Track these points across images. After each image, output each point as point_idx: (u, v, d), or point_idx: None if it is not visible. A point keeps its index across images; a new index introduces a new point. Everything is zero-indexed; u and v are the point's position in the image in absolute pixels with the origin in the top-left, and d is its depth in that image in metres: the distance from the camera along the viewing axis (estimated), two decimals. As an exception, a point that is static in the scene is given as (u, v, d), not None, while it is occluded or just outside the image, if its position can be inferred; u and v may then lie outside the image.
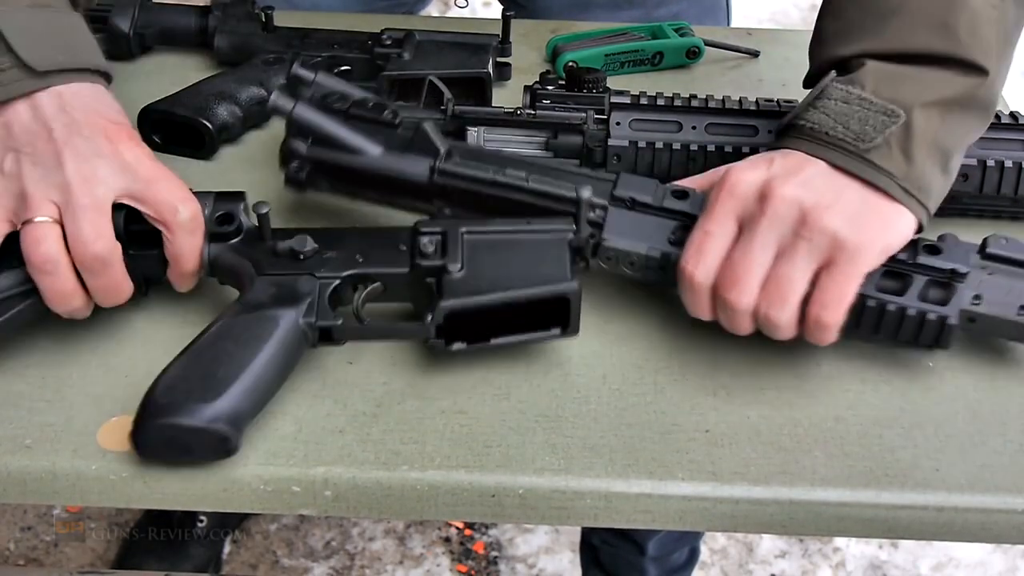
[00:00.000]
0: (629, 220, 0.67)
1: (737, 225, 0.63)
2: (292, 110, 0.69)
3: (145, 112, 0.86)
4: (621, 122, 0.79)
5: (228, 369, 0.59)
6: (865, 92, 0.65)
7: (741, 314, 0.63)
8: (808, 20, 2.91)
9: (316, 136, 0.70)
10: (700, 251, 0.63)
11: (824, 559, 1.68)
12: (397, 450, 0.61)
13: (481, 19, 1.16)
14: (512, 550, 1.66)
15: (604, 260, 0.67)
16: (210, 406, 0.58)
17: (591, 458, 0.61)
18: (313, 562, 1.61)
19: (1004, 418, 0.65)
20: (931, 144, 0.64)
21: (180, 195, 0.64)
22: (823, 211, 0.61)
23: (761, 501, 0.60)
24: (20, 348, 0.66)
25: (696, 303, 0.65)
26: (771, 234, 0.62)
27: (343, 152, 0.70)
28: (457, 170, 0.69)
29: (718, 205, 0.64)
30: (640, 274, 0.67)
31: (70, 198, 0.60)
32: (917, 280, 0.64)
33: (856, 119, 0.64)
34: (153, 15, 0.98)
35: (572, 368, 0.67)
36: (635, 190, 0.67)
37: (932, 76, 0.65)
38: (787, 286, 0.61)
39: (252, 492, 0.60)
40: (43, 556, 1.59)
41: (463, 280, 0.64)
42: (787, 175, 0.63)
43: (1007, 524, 0.60)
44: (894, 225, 0.63)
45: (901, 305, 0.64)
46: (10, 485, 0.60)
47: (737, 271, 0.62)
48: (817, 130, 0.65)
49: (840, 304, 0.61)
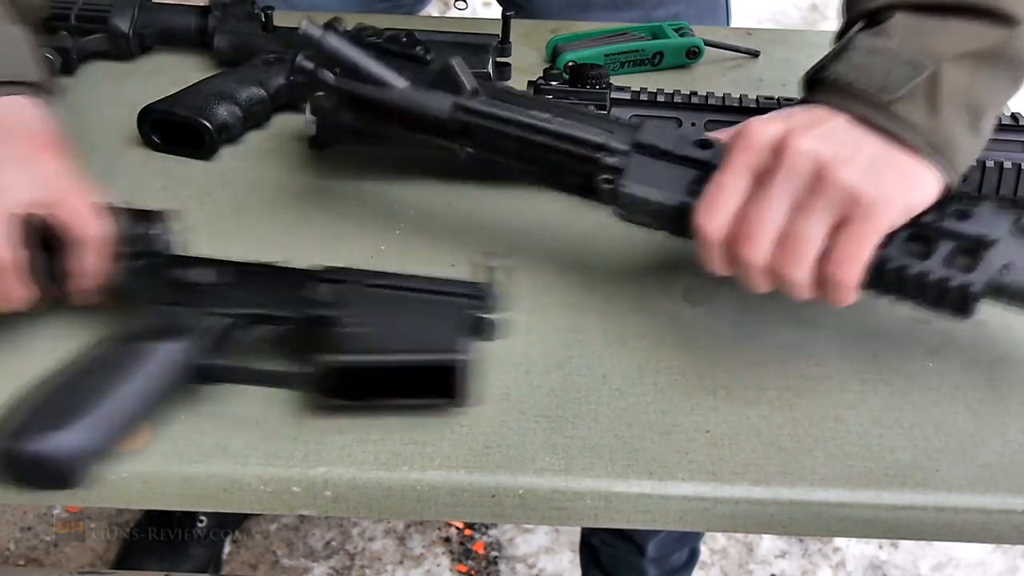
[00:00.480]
0: (651, 168, 0.65)
1: (753, 178, 0.61)
2: (321, 37, 0.68)
3: (145, 112, 0.86)
4: (621, 118, 0.79)
5: (87, 399, 0.57)
6: (892, 43, 0.62)
7: (755, 271, 0.61)
8: (808, 20, 2.91)
9: (344, 66, 0.69)
10: (714, 204, 0.61)
11: (824, 559, 1.68)
12: (397, 450, 0.61)
13: (481, 19, 1.16)
14: (512, 550, 1.66)
15: (623, 207, 0.65)
16: (55, 436, 0.56)
17: (591, 458, 0.61)
18: (313, 562, 1.61)
19: (1004, 418, 0.65)
20: (959, 99, 0.61)
21: (88, 212, 0.64)
22: (840, 165, 0.58)
23: (761, 501, 0.60)
24: (20, 348, 0.66)
25: (710, 257, 0.62)
26: (786, 188, 0.59)
27: (369, 84, 0.69)
28: (479, 107, 0.67)
29: (734, 157, 0.61)
30: (658, 224, 0.65)
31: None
32: (943, 245, 0.61)
33: (881, 70, 0.61)
34: (153, 15, 0.98)
35: (572, 368, 0.67)
36: (660, 137, 0.65)
37: (962, 27, 0.63)
38: (802, 242, 0.59)
39: (252, 492, 0.60)
40: (43, 556, 1.59)
41: (351, 336, 0.61)
42: (806, 128, 0.60)
43: (1007, 524, 0.60)
44: (916, 183, 0.60)
45: (923, 269, 0.61)
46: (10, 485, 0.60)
47: (751, 226, 0.60)
48: (840, 81, 0.62)
49: (856, 262, 0.59)
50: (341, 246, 0.75)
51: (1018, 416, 0.65)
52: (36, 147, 0.65)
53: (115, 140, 0.86)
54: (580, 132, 0.66)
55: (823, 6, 2.95)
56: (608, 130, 0.65)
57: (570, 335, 0.70)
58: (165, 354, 0.60)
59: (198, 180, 0.82)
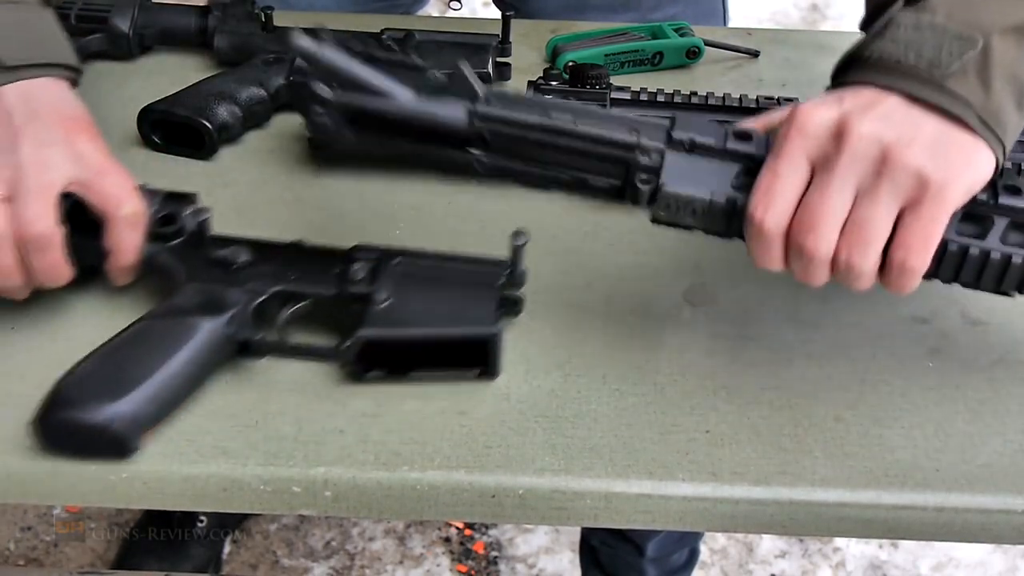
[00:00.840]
0: (689, 164, 0.61)
1: (810, 166, 0.58)
2: (317, 51, 0.63)
3: (145, 112, 0.86)
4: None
5: (137, 371, 0.60)
6: (938, 18, 0.60)
7: (819, 262, 0.58)
8: (808, 20, 2.91)
9: (342, 79, 0.63)
10: (770, 195, 0.58)
11: (824, 559, 1.68)
12: (397, 450, 0.61)
13: (481, 19, 1.16)
14: (512, 550, 1.66)
15: (663, 209, 0.62)
16: (112, 406, 0.58)
17: (591, 458, 0.61)
18: (313, 562, 1.61)
19: (1004, 418, 0.65)
20: (1009, 74, 0.60)
21: (126, 190, 0.66)
22: (905, 147, 0.56)
23: (761, 501, 0.60)
24: (20, 348, 0.66)
25: (766, 252, 0.59)
26: (850, 174, 0.57)
27: (372, 96, 0.63)
28: (498, 113, 0.62)
29: (788, 144, 0.58)
30: (702, 223, 0.62)
31: (20, 179, 0.62)
32: (999, 222, 0.59)
33: (930, 46, 0.59)
34: (153, 15, 0.98)
35: (572, 368, 0.67)
36: (695, 131, 0.62)
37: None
38: (870, 229, 0.57)
39: (252, 492, 0.60)
40: (43, 556, 1.59)
41: (386, 311, 0.64)
42: (863, 110, 0.58)
43: (1007, 524, 0.60)
44: (976, 161, 0.58)
45: (985, 248, 0.59)
46: (10, 485, 0.60)
47: (814, 215, 0.57)
48: (887, 59, 0.60)
49: (927, 246, 0.57)
50: (341, 246, 0.75)
51: (1018, 416, 0.65)
52: (71, 127, 0.66)
53: (115, 140, 0.86)
54: (610, 132, 0.62)
55: (823, 6, 2.96)
56: (635, 128, 0.62)
57: (570, 335, 0.70)
58: (208, 329, 0.63)
59: (198, 180, 0.82)
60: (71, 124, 0.66)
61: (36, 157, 0.63)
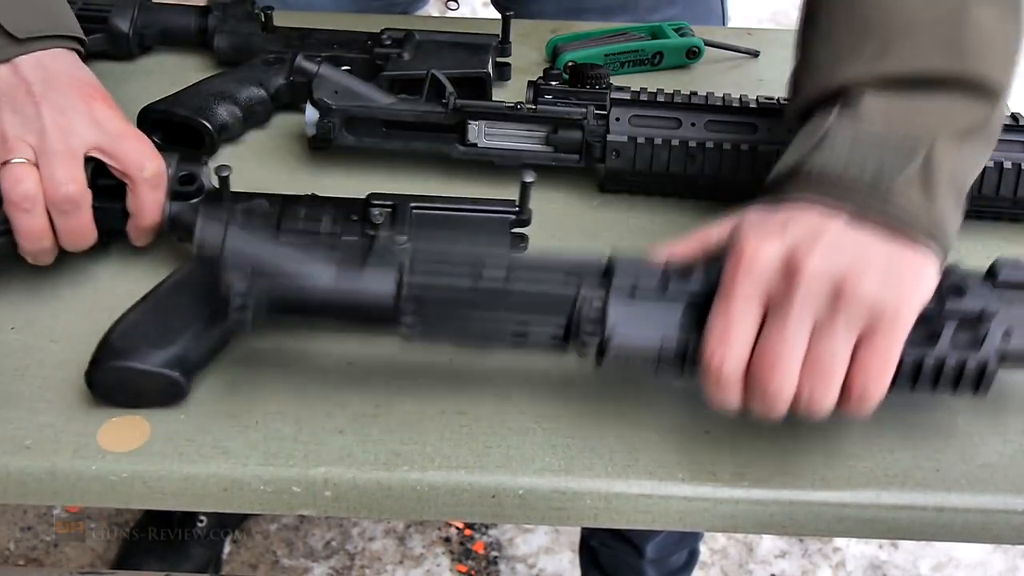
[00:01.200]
0: (633, 311, 0.58)
1: (762, 306, 0.56)
2: (223, 243, 0.61)
3: (145, 112, 0.86)
4: (621, 118, 0.79)
5: (183, 318, 0.63)
6: (875, 128, 0.59)
7: (782, 401, 0.56)
8: (808, 20, 2.90)
9: (256, 267, 0.58)
10: (725, 340, 0.56)
11: (824, 559, 1.68)
12: (397, 450, 0.61)
13: (481, 19, 1.15)
14: (512, 550, 1.66)
15: (612, 360, 0.59)
16: (162, 352, 0.61)
17: (591, 458, 0.61)
18: (313, 562, 1.61)
19: (1004, 418, 0.65)
20: (950, 179, 0.59)
21: (146, 152, 0.68)
22: (857, 280, 0.55)
23: (761, 501, 0.60)
24: (20, 348, 0.66)
25: (724, 395, 0.57)
26: (805, 312, 0.55)
27: (292, 280, 0.58)
28: (428, 282, 0.58)
29: (737, 287, 0.56)
30: (652, 368, 0.59)
31: (46, 144, 0.65)
32: (948, 327, 0.58)
33: (872, 159, 0.58)
34: (153, 15, 0.98)
35: (572, 368, 0.67)
36: (635, 275, 0.59)
37: (944, 103, 0.61)
38: (830, 364, 0.55)
39: (252, 492, 0.60)
40: (43, 556, 1.59)
41: (405, 252, 0.64)
42: (810, 242, 0.56)
43: (1007, 524, 0.60)
44: (924, 276, 0.57)
45: (938, 356, 0.58)
46: (10, 485, 0.60)
47: (773, 357, 0.55)
48: (829, 174, 0.58)
49: (885, 373, 0.56)
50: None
51: (1018, 416, 0.65)
52: (88, 95, 0.68)
53: (115, 140, 0.86)
54: (547, 287, 0.59)
55: (823, 6, 2.95)
56: (575, 273, 0.59)
57: (570, 335, 0.69)
58: None
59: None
60: (88, 91, 0.68)
61: (59, 123, 0.65)
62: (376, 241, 0.63)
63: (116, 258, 0.73)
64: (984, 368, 0.58)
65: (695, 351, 0.58)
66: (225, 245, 0.60)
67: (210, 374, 0.65)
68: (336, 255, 0.60)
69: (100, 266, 0.73)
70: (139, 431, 0.61)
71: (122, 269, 0.72)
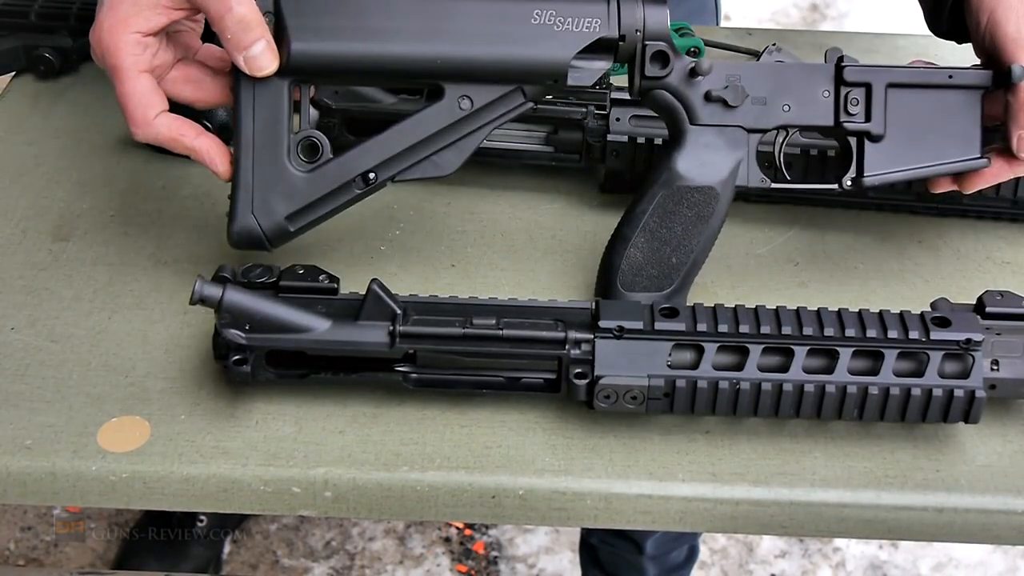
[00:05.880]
0: (621, 350, 0.61)
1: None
2: (222, 298, 0.59)
3: (145, 112, 0.85)
4: (621, 118, 0.79)
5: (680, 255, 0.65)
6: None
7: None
8: (808, 20, 2.91)
9: (253, 321, 0.60)
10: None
11: (824, 559, 1.68)
12: (397, 451, 0.61)
13: (481, 19, 1.15)
14: (512, 550, 1.66)
15: (603, 400, 0.60)
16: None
17: (591, 459, 0.61)
18: (313, 562, 1.61)
19: (1004, 418, 0.65)
20: None
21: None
22: None
23: (761, 502, 0.60)
24: (20, 348, 0.66)
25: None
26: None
27: (288, 333, 0.60)
28: (421, 331, 0.61)
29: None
30: (642, 407, 0.61)
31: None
32: (934, 357, 0.60)
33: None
34: (153, 15, 0.98)
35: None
36: (622, 317, 0.61)
37: None
38: None
39: (252, 492, 0.60)
40: (43, 556, 1.59)
41: (883, 149, 0.61)
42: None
43: (1007, 525, 0.60)
44: None
45: (926, 387, 0.60)
46: (10, 485, 0.60)
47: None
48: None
49: None
50: (341, 246, 0.75)
51: (1018, 416, 0.65)
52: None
53: (115, 140, 0.86)
54: (536, 331, 0.61)
55: (823, 6, 2.96)
56: (561, 319, 0.62)
57: (570, 335, 0.69)
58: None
59: (198, 180, 0.82)
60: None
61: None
62: (370, 292, 0.61)
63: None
64: (973, 396, 0.60)
65: (680, 389, 0.60)
66: (223, 299, 0.59)
67: (210, 375, 0.65)
68: (331, 307, 0.61)
69: (100, 267, 0.73)
70: (139, 431, 0.61)
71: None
